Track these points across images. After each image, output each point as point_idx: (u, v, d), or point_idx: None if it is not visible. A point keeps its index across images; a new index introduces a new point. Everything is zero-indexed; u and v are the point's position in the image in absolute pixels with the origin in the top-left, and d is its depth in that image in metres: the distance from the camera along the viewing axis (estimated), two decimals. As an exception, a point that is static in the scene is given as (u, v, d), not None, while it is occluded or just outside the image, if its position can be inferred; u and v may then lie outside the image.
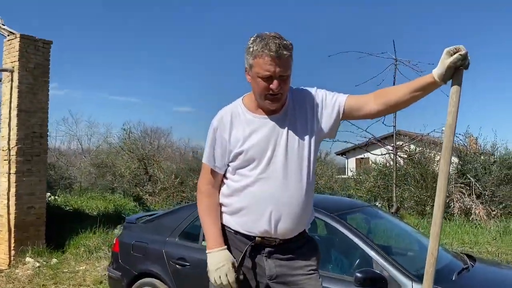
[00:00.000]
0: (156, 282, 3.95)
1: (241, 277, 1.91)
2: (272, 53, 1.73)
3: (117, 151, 15.20)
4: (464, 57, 1.62)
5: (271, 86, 1.78)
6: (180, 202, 11.92)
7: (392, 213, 8.38)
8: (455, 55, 1.62)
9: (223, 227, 2.00)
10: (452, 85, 1.67)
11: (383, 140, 10.92)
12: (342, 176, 22.37)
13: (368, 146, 9.89)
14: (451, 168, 12.99)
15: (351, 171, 20.82)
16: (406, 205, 12.45)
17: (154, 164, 13.58)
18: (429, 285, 1.62)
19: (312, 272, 1.93)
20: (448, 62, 1.63)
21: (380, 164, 14.10)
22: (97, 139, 25.76)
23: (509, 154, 12.71)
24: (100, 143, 24.45)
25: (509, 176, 12.13)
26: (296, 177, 1.87)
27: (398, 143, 9.47)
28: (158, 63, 52.55)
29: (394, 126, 8.45)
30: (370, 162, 15.33)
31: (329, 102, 1.91)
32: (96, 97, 48.66)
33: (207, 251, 1.97)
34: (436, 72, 1.68)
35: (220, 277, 1.87)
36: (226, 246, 1.94)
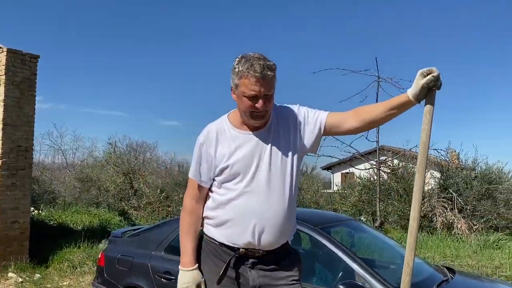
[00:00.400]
0: (142, 296, 3.96)
1: None
2: (257, 74, 1.82)
3: (103, 165, 15.10)
4: (437, 79, 1.74)
5: (256, 105, 1.86)
6: (165, 216, 11.86)
7: (376, 227, 8.50)
8: (428, 77, 1.73)
9: (208, 240, 2.07)
10: (425, 104, 1.79)
11: (367, 155, 11.13)
12: (328, 191, 22.49)
13: (352, 161, 10.06)
14: (434, 182, 13.23)
15: (337, 185, 20.93)
16: (390, 219, 12.60)
17: (139, 178, 13.52)
18: (405, 294, 1.70)
19: (295, 282, 2.00)
20: (421, 83, 1.74)
21: (364, 178, 14.26)
22: (82, 153, 25.53)
23: (489, 169, 12.98)
24: (85, 157, 24.24)
25: (489, 191, 12.38)
26: (279, 191, 1.95)
27: (381, 158, 9.66)
28: (144, 76, 52.52)
29: (377, 142, 8.66)
30: (355, 177, 15.49)
31: (311, 119, 2.01)
32: (82, 111, 48.28)
33: (179, 267, 2.09)
34: (411, 92, 1.79)
35: None
36: (197, 266, 2.04)
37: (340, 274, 3.35)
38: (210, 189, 2.06)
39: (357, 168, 9.86)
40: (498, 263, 5.88)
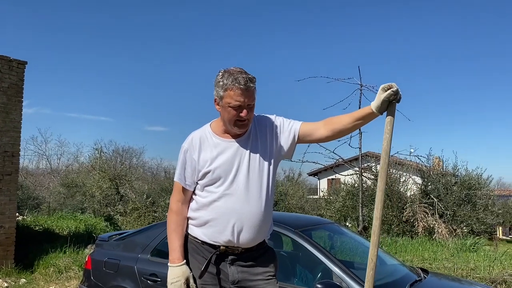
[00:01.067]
0: (128, 298, 4.07)
1: (193, 285, 2.16)
2: (241, 86, 2.02)
3: (89, 170, 15.11)
4: (396, 93, 1.94)
5: (241, 114, 2.06)
6: (151, 222, 11.92)
7: (359, 231, 8.70)
8: (389, 91, 1.94)
9: (191, 239, 2.24)
10: (386, 116, 1.99)
11: (352, 161, 11.35)
12: (314, 197, 22.72)
13: (336, 167, 10.28)
14: (416, 188, 13.52)
15: (322, 191, 21.18)
16: (373, 224, 12.81)
17: (126, 184, 13.56)
18: (370, 286, 1.87)
19: (271, 277, 2.18)
20: (383, 97, 1.95)
21: (349, 184, 14.51)
22: (67, 159, 25.43)
23: (469, 175, 13.33)
24: (70, 162, 24.13)
25: (469, 196, 12.72)
26: (257, 193, 2.14)
27: (365, 164, 9.89)
28: (130, 81, 52.39)
29: (360, 148, 8.86)
30: (341, 183, 15.73)
31: (286, 128, 2.21)
32: (67, 116, 47.97)
33: (168, 264, 2.23)
34: (374, 105, 2.00)
35: None
36: (185, 261, 2.19)
37: (319, 274, 3.51)
38: (193, 192, 2.23)
39: (342, 174, 10.07)
40: (473, 265, 6.11)
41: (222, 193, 2.12)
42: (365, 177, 10.71)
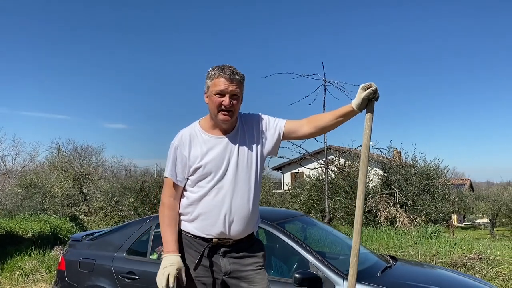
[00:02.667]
0: (105, 297, 4.06)
1: (183, 280, 2.21)
2: (226, 75, 2.17)
3: (50, 170, 14.65)
4: (375, 92, 2.09)
5: (223, 102, 2.16)
6: (118, 221, 11.75)
7: (325, 223, 8.93)
8: (368, 90, 2.08)
9: (184, 234, 2.30)
10: (366, 113, 2.15)
11: (315, 155, 11.60)
12: (279, 191, 22.99)
13: (302, 160, 10.49)
14: (377, 179, 13.97)
15: (287, 185, 21.47)
16: (338, 216, 13.19)
17: (89, 183, 13.27)
18: (354, 272, 2.01)
19: (260, 267, 2.30)
20: (362, 95, 2.09)
21: (314, 177, 14.80)
22: (23, 159, 24.50)
23: (427, 166, 13.91)
24: (26, 162, 23.27)
25: (428, 186, 13.29)
26: (246, 187, 2.24)
27: (329, 157, 10.14)
28: (87, 78, 50.96)
29: (325, 142, 9.09)
30: (304, 176, 16.02)
31: (272, 125, 2.33)
32: (21, 114, 46.12)
33: (163, 255, 2.26)
34: (354, 103, 2.14)
35: (163, 273, 2.15)
36: (180, 254, 2.24)
37: (295, 265, 3.64)
38: (184, 189, 2.30)
39: (307, 168, 10.28)
40: (435, 251, 6.45)
41: (212, 187, 2.20)
42: (330, 170, 10.98)
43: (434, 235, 8.63)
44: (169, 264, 2.18)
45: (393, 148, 14.59)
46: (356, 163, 14.48)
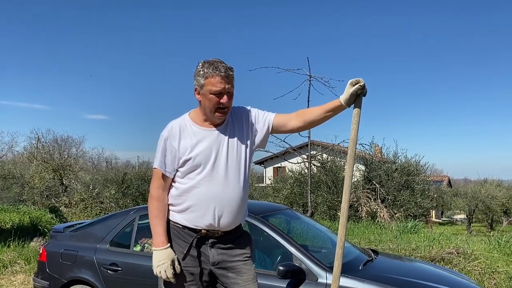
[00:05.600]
0: (87, 288, 4.05)
1: (178, 270, 2.24)
2: (222, 73, 2.15)
3: (29, 160, 14.39)
4: (363, 87, 2.12)
5: (221, 100, 2.17)
6: (99, 213, 11.65)
7: (308, 217, 9.01)
8: (356, 85, 2.11)
9: (172, 224, 2.31)
10: (354, 108, 2.18)
11: (299, 149, 11.66)
12: (261, 185, 23.07)
13: (285, 155, 10.53)
14: (359, 175, 14.14)
15: (269, 179, 21.55)
16: (319, 210, 13.32)
17: (70, 174, 13.09)
18: (339, 264, 2.04)
19: (247, 258, 2.33)
20: (351, 91, 2.12)
21: (296, 172, 14.89)
22: (1, 149, 23.98)
23: (408, 162, 14.13)
24: (4, 152, 22.80)
25: (408, 182, 13.51)
26: (235, 179, 2.26)
27: (312, 152, 10.21)
28: (67, 67, 50.06)
29: (309, 137, 9.14)
30: (287, 170, 16.10)
31: (261, 118, 2.35)
32: (-1, 103, 45.12)
33: (153, 248, 2.28)
34: (342, 98, 2.17)
35: (160, 272, 2.22)
36: (169, 245, 2.27)
37: (279, 257, 3.67)
38: (173, 180, 2.30)
39: (290, 162, 10.32)
40: (414, 245, 6.58)
41: (202, 179, 2.21)
42: (313, 164, 11.07)
43: (413, 230, 8.80)
44: (162, 261, 2.21)
45: (374, 144, 14.78)
46: (338, 159, 14.62)
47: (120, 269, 3.88)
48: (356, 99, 2.16)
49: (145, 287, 3.78)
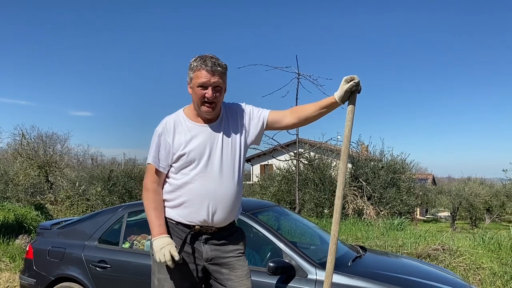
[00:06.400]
0: (75, 286, 4.01)
1: (181, 260, 2.20)
2: (208, 67, 2.15)
3: (14, 157, 14.16)
4: (357, 84, 2.14)
5: (206, 94, 2.17)
6: (85, 210, 11.52)
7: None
8: (351, 82, 2.12)
9: (166, 220, 2.30)
10: (348, 105, 2.19)
11: (286, 147, 11.70)
12: (248, 182, 23.06)
13: (274, 152, 10.56)
14: (346, 172, 14.25)
15: (257, 177, 21.56)
16: (306, 207, 13.38)
17: (56, 171, 12.91)
18: (332, 259, 2.06)
19: (241, 254, 2.34)
20: (345, 88, 2.13)
21: (284, 169, 14.94)
22: (-18, 145, 23.53)
23: (394, 160, 14.27)
24: (-14, 149, 22.40)
25: (394, 180, 13.64)
26: (230, 176, 2.26)
27: (299, 150, 10.25)
28: (52, 64, 49.38)
29: (297, 134, 9.18)
30: (275, 168, 16.13)
31: (256, 115, 2.35)
32: (-18, 99, 44.27)
33: (152, 239, 2.23)
34: (337, 95, 2.18)
35: (164, 254, 2.13)
36: (169, 235, 2.23)
37: (269, 254, 3.69)
38: (167, 175, 2.30)
39: (278, 159, 10.35)
40: (401, 242, 6.66)
41: (197, 175, 2.21)
42: (302, 162, 11.12)
43: (400, 227, 8.90)
44: (165, 243, 2.15)
45: (361, 142, 14.90)
46: (325, 156, 14.71)
47: (109, 266, 3.86)
48: (350, 96, 2.17)
49: (135, 284, 3.77)
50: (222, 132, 2.27)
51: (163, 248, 2.15)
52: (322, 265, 3.36)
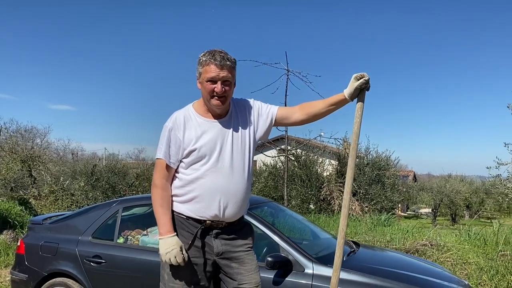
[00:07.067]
0: (69, 281, 3.97)
1: (186, 257, 2.21)
2: (216, 62, 2.16)
3: (-4, 150, 13.88)
4: (367, 82, 2.16)
5: (215, 88, 2.17)
6: (70, 206, 11.38)
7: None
8: (361, 80, 2.14)
9: (176, 215, 2.30)
10: (357, 102, 2.22)
11: (273, 142, 11.75)
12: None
13: (262, 147, 10.61)
14: (332, 169, 14.36)
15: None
16: (293, 203, 13.47)
17: (40, 165, 12.69)
18: (340, 253, 2.10)
19: (249, 249, 2.37)
20: (355, 85, 2.15)
21: (270, 165, 14.99)
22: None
23: (379, 157, 14.45)
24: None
25: (379, 176, 13.82)
26: (240, 171, 2.27)
27: (283, 146, 10.30)
28: (32, 56, 48.37)
29: (286, 131, 9.22)
30: (262, 164, 16.17)
31: (264, 111, 2.36)
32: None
33: (159, 237, 2.24)
34: (346, 92, 2.20)
35: (170, 259, 2.17)
36: (175, 233, 2.24)
37: (265, 249, 3.72)
38: (176, 171, 2.29)
39: (266, 155, 10.38)
40: (389, 237, 6.78)
41: (208, 170, 2.21)
42: (290, 158, 11.17)
43: (387, 223, 9.04)
44: (171, 247, 2.17)
45: (346, 139, 15.02)
46: (311, 154, 14.81)
47: (103, 261, 3.83)
48: (359, 93, 2.19)
49: (130, 279, 3.76)
50: (231, 128, 2.28)
51: (169, 253, 2.16)
52: (318, 260, 3.41)
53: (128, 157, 37.28)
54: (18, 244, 4.42)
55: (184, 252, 2.21)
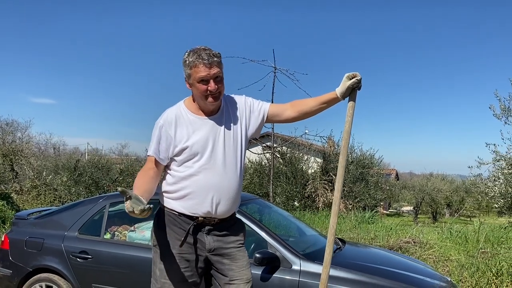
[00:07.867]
0: (54, 277, 3.94)
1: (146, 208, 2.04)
2: (205, 61, 2.14)
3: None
4: (359, 81, 2.19)
5: (209, 87, 2.17)
6: (53, 201, 11.23)
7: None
8: (353, 79, 2.18)
9: (167, 211, 2.31)
10: (349, 101, 2.25)
11: (260, 139, 11.77)
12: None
13: (249, 144, 10.62)
14: (316, 166, 14.46)
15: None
16: (278, 200, 13.53)
17: (21, 160, 12.49)
18: (330, 250, 2.13)
19: (241, 245, 2.37)
20: (347, 84, 2.18)
21: (256, 162, 15.02)
22: None
23: (363, 156, 14.60)
24: None
25: (363, 175, 13.97)
26: (233, 167, 2.28)
27: (268, 143, 10.34)
28: (11, 48, 47.35)
29: (272, 128, 9.27)
30: (247, 161, 16.20)
31: (256, 108, 2.38)
32: None
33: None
34: (338, 91, 2.23)
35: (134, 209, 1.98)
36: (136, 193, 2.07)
37: (253, 245, 3.74)
38: (168, 168, 2.30)
39: (252, 152, 10.41)
40: (373, 235, 6.89)
41: (200, 167, 2.22)
42: (277, 156, 11.22)
43: (371, 221, 9.16)
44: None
45: (332, 136, 15.13)
46: (297, 151, 14.88)
47: (90, 257, 3.82)
48: (351, 92, 2.22)
49: (117, 274, 3.75)
50: (223, 125, 2.28)
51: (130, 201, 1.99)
52: (306, 256, 3.45)
53: (111, 152, 36.99)
54: (2, 239, 4.37)
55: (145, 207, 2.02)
